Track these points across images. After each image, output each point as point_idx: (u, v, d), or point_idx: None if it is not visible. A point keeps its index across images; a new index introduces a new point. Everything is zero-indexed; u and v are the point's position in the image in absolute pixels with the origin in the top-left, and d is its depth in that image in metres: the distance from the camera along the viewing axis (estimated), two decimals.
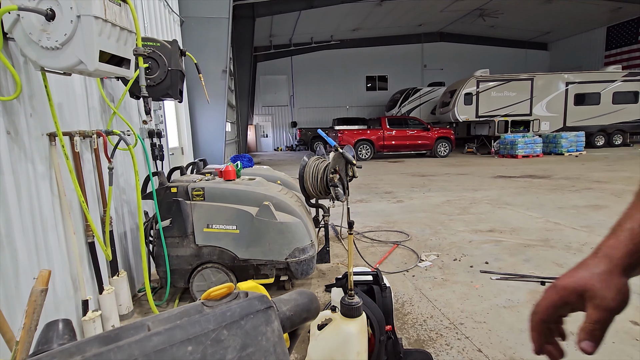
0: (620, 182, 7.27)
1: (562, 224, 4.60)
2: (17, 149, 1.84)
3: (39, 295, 1.00)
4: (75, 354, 0.42)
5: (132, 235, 3.18)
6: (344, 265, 3.58)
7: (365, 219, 5.29)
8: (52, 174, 2.11)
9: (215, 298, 0.55)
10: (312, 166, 3.46)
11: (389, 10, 18.12)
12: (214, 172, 3.37)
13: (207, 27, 6.59)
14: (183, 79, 3.11)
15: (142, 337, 0.44)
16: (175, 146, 5.59)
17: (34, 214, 1.93)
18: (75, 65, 1.68)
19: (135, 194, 3.21)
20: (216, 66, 6.80)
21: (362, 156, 14.50)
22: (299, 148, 22.18)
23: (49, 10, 1.61)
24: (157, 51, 2.79)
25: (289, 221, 2.73)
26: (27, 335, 1.01)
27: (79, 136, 2.26)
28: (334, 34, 21.29)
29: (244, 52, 14.63)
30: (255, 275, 2.82)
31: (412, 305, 2.74)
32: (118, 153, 2.83)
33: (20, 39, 1.66)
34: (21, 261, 1.80)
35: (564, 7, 18.19)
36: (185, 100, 5.97)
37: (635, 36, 19.44)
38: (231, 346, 0.49)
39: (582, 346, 0.54)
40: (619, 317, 0.54)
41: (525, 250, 3.76)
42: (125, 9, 1.91)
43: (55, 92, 2.15)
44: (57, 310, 2.06)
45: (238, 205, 2.72)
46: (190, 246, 2.76)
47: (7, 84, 1.79)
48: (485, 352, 2.14)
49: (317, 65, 23.48)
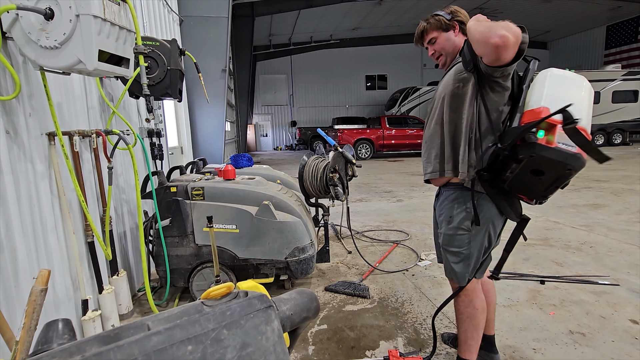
0: (620, 181, 7.27)
1: (562, 223, 4.61)
2: (16, 149, 1.84)
3: (38, 295, 1.00)
4: (75, 354, 0.42)
5: (131, 234, 3.18)
6: (344, 265, 3.59)
7: (365, 218, 5.29)
8: (51, 174, 2.10)
9: (215, 297, 0.55)
10: (312, 165, 3.46)
11: (389, 10, 18.10)
12: (214, 171, 3.37)
13: (206, 26, 6.58)
14: (182, 78, 3.11)
15: (142, 337, 0.44)
16: (175, 145, 5.58)
17: (34, 213, 1.93)
18: (74, 64, 1.68)
19: (134, 193, 3.21)
20: (215, 65, 6.79)
21: (362, 155, 14.49)
22: (299, 147, 22.17)
23: (48, 9, 1.60)
24: (157, 50, 2.79)
25: (288, 220, 2.73)
26: (27, 335, 1.01)
27: (78, 136, 2.26)
28: (333, 33, 21.26)
29: (243, 51, 14.61)
30: (255, 274, 2.82)
31: (412, 305, 2.74)
32: (117, 152, 2.82)
33: (19, 38, 1.66)
34: (21, 261, 1.80)
35: (564, 6, 18.19)
36: (185, 99, 5.96)
37: (635, 35, 19.44)
38: (231, 345, 0.49)
39: None
40: (619, 316, 0.54)
41: (525, 249, 3.77)
42: (125, 8, 1.91)
43: (55, 92, 2.15)
44: (57, 310, 2.06)
45: (238, 205, 2.72)
46: (190, 245, 2.76)
47: (6, 84, 1.79)
48: None
49: (317, 65, 23.46)
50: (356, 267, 3.52)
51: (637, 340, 2.17)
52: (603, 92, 15.19)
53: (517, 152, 1.41)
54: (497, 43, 1.33)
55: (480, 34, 1.39)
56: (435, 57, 1.86)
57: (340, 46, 22.61)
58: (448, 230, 1.73)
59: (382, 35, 22.71)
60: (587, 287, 2.88)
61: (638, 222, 4.49)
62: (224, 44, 6.83)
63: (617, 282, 2.92)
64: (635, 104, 15.26)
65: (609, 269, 3.18)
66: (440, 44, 1.81)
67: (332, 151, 3.41)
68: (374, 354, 2.17)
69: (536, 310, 2.57)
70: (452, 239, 1.72)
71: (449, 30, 1.79)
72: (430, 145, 1.77)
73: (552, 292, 2.81)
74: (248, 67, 15.43)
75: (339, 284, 3.05)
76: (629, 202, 5.56)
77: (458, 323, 1.86)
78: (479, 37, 1.39)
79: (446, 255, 1.78)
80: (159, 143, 3.74)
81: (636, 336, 2.21)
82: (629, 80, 15.20)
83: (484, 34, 1.37)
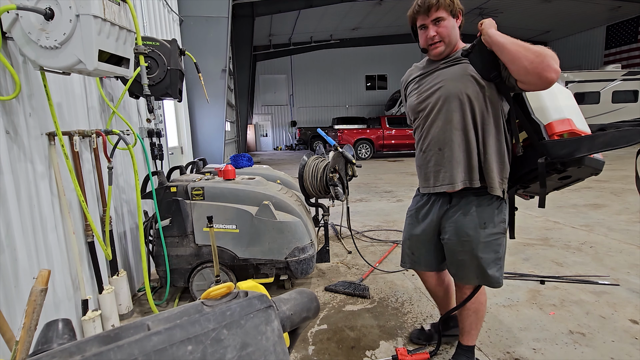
0: (619, 181, 7.27)
1: (562, 223, 4.61)
2: (16, 149, 1.84)
3: (38, 295, 1.00)
4: (75, 354, 0.42)
5: (131, 234, 3.18)
6: (344, 265, 3.59)
7: (365, 218, 5.29)
8: (51, 174, 2.10)
9: (215, 297, 0.55)
10: (312, 165, 3.46)
11: (389, 10, 18.09)
12: (214, 171, 3.37)
13: (206, 26, 6.58)
14: (182, 78, 3.11)
15: (142, 337, 0.44)
16: (175, 145, 5.58)
17: (34, 213, 1.93)
18: (74, 64, 1.68)
19: (134, 193, 3.21)
20: (216, 65, 6.79)
21: (362, 155, 14.49)
22: (299, 147, 22.16)
23: (48, 9, 1.60)
24: (157, 50, 2.79)
25: (288, 220, 2.73)
26: (27, 335, 1.01)
27: (78, 136, 2.26)
28: (333, 33, 21.25)
29: (243, 51, 14.60)
30: (255, 274, 2.82)
31: (412, 305, 2.74)
32: (117, 152, 2.82)
33: (19, 38, 1.66)
34: (21, 261, 1.80)
35: (564, 6, 18.18)
36: (185, 99, 5.96)
37: (635, 35, 19.43)
38: (231, 345, 0.49)
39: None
40: (618, 316, 0.54)
41: (525, 249, 3.77)
42: (125, 8, 1.91)
43: (55, 92, 2.15)
44: (57, 310, 2.06)
45: (238, 205, 2.72)
46: (190, 245, 2.76)
47: (6, 84, 1.79)
48: (485, 351, 2.14)
49: (317, 65, 23.45)
50: (356, 267, 3.52)
51: (637, 340, 2.17)
52: (603, 92, 15.18)
53: (565, 164, 1.50)
54: (553, 79, 1.33)
55: (530, 63, 1.35)
56: (433, 41, 1.63)
57: (340, 46, 22.60)
58: (486, 237, 1.67)
59: (382, 35, 22.70)
60: (587, 287, 2.88)
61: (638, 222, 4.49)
62: (224, 44, 6.83)
63: (617, 282, 2.92)
64: (635, 104, 15.25)
65: (609, 269, 3.18)
66: (447, 29, 1.60)
67: (332, 151, 3.41)
68: (374, 354, 2.17)
69: (536, 310, 2.57)
70: (490, 245, 1.68)
71: (454, 17, 1.62)
72: (449, 151, 1.64)
73: (552, 292, 2.81)
74: (248, 67, 15.42)
75: (339, 284, 3.05)
76: (629, 202, 5.56)
77: (462, 317, 1.89)
78: (528, 66, 1.36)
79: (478, 261, 1.69)
80: (159, 143, 3.74)
81: (636, 336, 2.21)
82: (629, 80, 15.20)
83: (535, 64, 1.34)
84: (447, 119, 1.63)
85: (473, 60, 1.56)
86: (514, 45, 1.40)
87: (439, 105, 1.65)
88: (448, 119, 1.63)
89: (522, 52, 1.38)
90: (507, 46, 1.41)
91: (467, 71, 1.59)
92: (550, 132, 1.51)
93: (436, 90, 1.66)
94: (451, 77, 1.63)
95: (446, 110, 1.63)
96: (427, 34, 1.63)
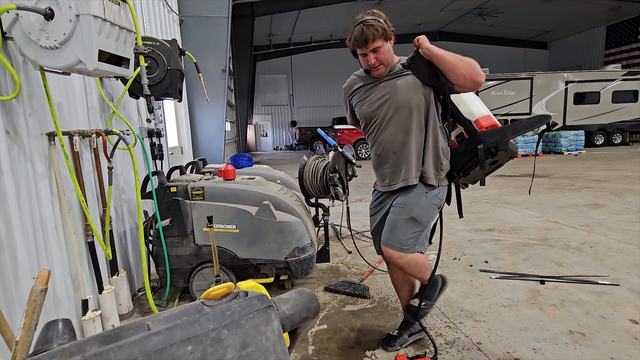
0: (620, 181, 7.27)
1: (562, 223, 4.61)
2: (16, 149, 1.84)
3: (38, 295, 1.00)
4: (75, 354, 0.42)
5: (131, 234, 3.18)
6: (344, 265, 3.59)
7: (365, 218, 5.27)
8: (51, 174, 2.10)
9: (215, 297, 0.55)
10: (312, 165, 3.46)
11: (389, 10, 18.09)
12: (214, 171, 3.37)
13: (206, 27, 6.58)
14: (182, 78, 3.11)
15: (142, 337, 0.44)
16: (175, 145, 5.58)
17: (34, 213, 1.93)
18: (74, 64, 1.68)
19: (134, 193, 3.21)
20: (216, 65, 6.79)
21: (362, 155, 14.48)
22: (299, 147, 22.17)
23: (48, 9, 1.60)
24: (157, 50, 2.79)
25: (288, 220, 2.73)
26: (27, 335, 1.01)
27: (78, 136, 2.26)
28: (333, 33, 21.26)
29: (243, 51, 14.61)
30: (255, 274, 2.82)
31: None
32: (117, 152, 2.82)
33: (19, 38, 1.66)
34: (21, 261, 1.80)
35: (564, 6, 18.19)
36: (185, 99, 5.96)
37: (635, 35, 19.44)
38: (231, 345, 0.49)
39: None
40: (618, 316, 0.54)
41: (525, 249, 3.77)
42: (125, 8, 1.91)
43: (55, 92, 2.15)
44: (57, 310, 2.06)
45: (238, 205, 2.72)
46: (190, 245, 2.76)
47: (6, 84, 1.79)
48: (485, 351, 2.14)
49: (317, 65, 23.46)
50: (356, 267, 3.52)
51: (637, 340, 2.17)
52: (603, 92, 15.18)
53: (496, 148, 1.85)
54: (482, 82, 1.75)
55: (465, 70, 1.73)
56: (375, 66, 1.86)
57: (340, 46, 22.58)
58: (413, 212, 1.91)
59: None
60: (587, 287, 2.88)
61: (638, 222, 4.49)
62: (224, 44, 6.83)
63: (617, 282, 2.92)
64: (635, 104, 15.25)
65: (609, 269, 3.18)
66: (384, 54, 1.84)
67: (332, 151, 3.41)
68: (374, 354, 2.17)
69: (536, 310, 2.57)
70: (414, 219, 1.92)
71: (387, 40, 1.85)
72: (401, 154, 1.91)
73: (552, 292, 2.81)
74: (248, 67, 15.43)
75: (339, 284, 3.05)
76: (629, 202, 5.56)
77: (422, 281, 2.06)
78: (465, 72, 1.73)
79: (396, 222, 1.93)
80: (159, 143, 3.74)
81: (636, 336, 2.21)
82: (629, 80, 15.19)
83: (469, 70, 1.73)
84: (398, 126, 1.89)
85: (415, 70, 1.86)
86: (451, 57, 1.75)
87: (390, 114, 1.89)
88: (399, 125, 1.89)
89: (459, 62, 1.73)
90: (446, 57, 1.75)
91: (411, 83, 1.86)
92: (479, 126, 1.88)
93: (386, 101, 1.90)
94: (399, 88, 1.87)
95: (397, 118, 1.88)
96: (367, 60, 1.86)
